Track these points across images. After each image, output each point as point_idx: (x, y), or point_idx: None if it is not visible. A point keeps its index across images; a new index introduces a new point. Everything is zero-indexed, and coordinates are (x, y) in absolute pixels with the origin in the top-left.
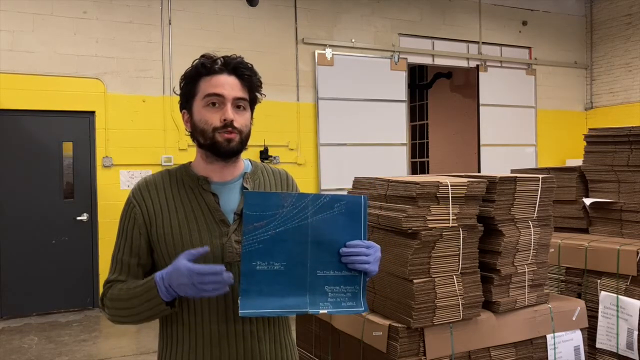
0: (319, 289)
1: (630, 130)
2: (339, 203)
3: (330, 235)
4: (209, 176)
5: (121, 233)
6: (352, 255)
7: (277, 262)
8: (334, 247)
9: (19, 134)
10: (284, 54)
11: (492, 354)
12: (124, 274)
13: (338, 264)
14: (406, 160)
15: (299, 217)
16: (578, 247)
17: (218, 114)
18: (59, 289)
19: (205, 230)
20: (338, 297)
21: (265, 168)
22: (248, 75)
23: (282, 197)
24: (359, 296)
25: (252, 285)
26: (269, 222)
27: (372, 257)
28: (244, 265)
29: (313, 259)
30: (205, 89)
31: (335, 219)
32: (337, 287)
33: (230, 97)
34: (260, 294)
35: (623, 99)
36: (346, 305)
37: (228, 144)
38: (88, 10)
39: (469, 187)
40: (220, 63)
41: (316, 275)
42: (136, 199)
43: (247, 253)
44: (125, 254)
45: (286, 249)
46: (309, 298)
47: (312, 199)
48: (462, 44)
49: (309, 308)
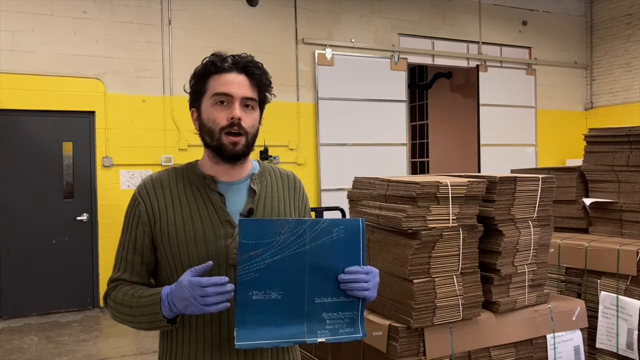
0: (316, 316)
1: (630, 130)
2: (337, 228)
3: (328, 261)
4: (216, 176)
5: (125, 230)
6: (351, 282)
7: (273, 291)
8: (332, 273)
9: (19, 134)
10: (284, 54)
11: (492, 354)
12: (128, 272)
13: (336, 290)
14: (406, 160)
15: (296, 244)
16: (578, 247)
17: (225, 112)
18: (59, 289)
19: (210, 230)
20: (336, 323)
21: (273, 169)
22: (258, 74)
23: (278, 223)
24: (357, 322)
25: (248, 316)
26: (265, 250)
27: (371, 283)
28: (240, 295)
29: (310, 286)
30: (214, 87)
31: (333, 245)
32: (335, 313)
33: (238, 96)
34: (256, 324)
35: (623, 99)
36: (344, 332)
37: (234, 147)
38: (88, 10)
39: (469, 187)
40: (230, 61)
41: (314, 302)
42: (141, 196)
43: (242, 283)
44: (129, 251)
45: (283, 277)
46: (307, 326)
47: (310, 225)
48: (462, 44)
49: (307, 337)
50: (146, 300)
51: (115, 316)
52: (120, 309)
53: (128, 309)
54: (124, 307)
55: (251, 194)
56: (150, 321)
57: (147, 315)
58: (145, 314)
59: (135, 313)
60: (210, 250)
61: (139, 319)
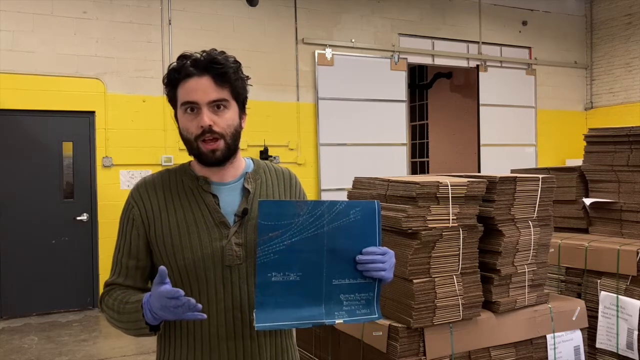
0: (334, 298)
1: (630, 130)
2: (354, 210)
3: (346, 242)
4: (209, 176)
5: (121, 234)
6: (369, 262)
7: (292, 272)
8: (349, 255)
9: (19, 134)
10: (284, 54)
11: (492, 354)
12: (122, 276)
13: (353, 272)
14: (406, 160)
15: (315, 225)
16: (578, 247)
17: (196, 120)
18: (59, 289)
19: (205, 232)
20: (352, 305)
21: (268, 167)
22: (222, 71)
23: (297, 205)
24: (372, 303)
25: (268, 297)
26: (284, 231)
27: (387, 264)
28: (259, 276)
29: (329, 267)
30: (181, 96)
31: (350, 226)
32: (352, 295)
33: (204, 102)
34: (275, 306)
35: (623, 99)
36: (360, 313)
37: (213, 154)
38: (88, 10)
39: (469, 187)
40: (189, 65)
41: (331, 284)
42: (135, 200)
43: (262, 264)
44: (124, 255)
45: (302, 258)
46: (325, 308)
47: (328, 206)
48: (462, 44)
49: (325, 319)
50: (131, 307)
51: (109, 320)
52: (111, 314)
53: (117, 315)
54: (113, 313)
55: (245, 193)
56: (135, 328)
57: (132, 322)
58: (131, 321)
59: (122, 319)
60: (205, 253)
61: (126, 325)
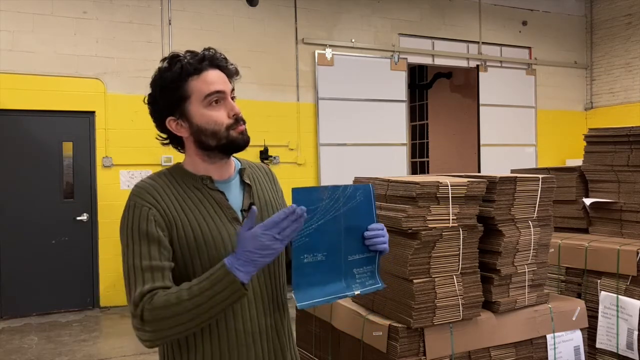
0: (349, 272)
1: (630, 130)
2: (358, 191)
3: (355, 221)
4: (210, 175)
5: (137, 241)
6: (374, 237)
7: (319, 253)
8: (359, 232)
9: (19, 134)
10: (284, 54)
11: (492, 354)
12: (160, 280)
13: (361, 247)
14: (406, 160)
15: (334, 208)
16: (578, 247)
17: (223, 110)
18: (59, 289)
19: (223, 228)
20: (362, 277)
21: (249, 163)
22: (226, 66)
23: (321, 190)
24: (375, 274)
25: (302, 278)
26: (312, 215)
27: (386, 237)
28: (296, 260)
29: (345, 245)
30: (202, 88)
31: (358, 207)
32: (361, 268)
33: (228, 91)
34: (308, 285)
35: (623, 99)
36: (369, 284)
37: (243, 136)
38: (88, 10)
39: (469, 187)
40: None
41: (347, 260)
42: (148, 202)
43: (297, 248)
44: (151, 259)
45: (326, 239)
46: (344, 282)
47: (342, 190)
48: (462, 44)
49: (347, 292)
50: (209, 281)
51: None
52: (173, 310)
53: (189, 303)
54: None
55: (247, 188)
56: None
57: (220, 293)
58: (219, 292)
59: (201, 301)
60: (227, 250)
61: (210, 303)
